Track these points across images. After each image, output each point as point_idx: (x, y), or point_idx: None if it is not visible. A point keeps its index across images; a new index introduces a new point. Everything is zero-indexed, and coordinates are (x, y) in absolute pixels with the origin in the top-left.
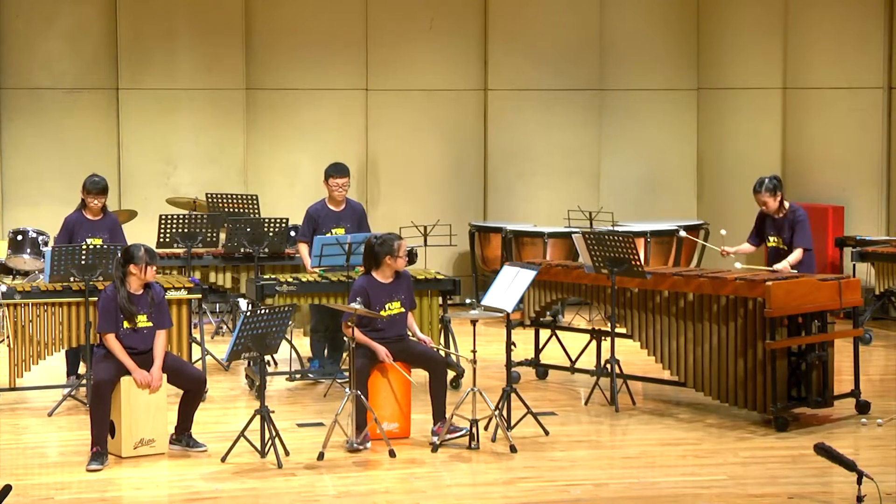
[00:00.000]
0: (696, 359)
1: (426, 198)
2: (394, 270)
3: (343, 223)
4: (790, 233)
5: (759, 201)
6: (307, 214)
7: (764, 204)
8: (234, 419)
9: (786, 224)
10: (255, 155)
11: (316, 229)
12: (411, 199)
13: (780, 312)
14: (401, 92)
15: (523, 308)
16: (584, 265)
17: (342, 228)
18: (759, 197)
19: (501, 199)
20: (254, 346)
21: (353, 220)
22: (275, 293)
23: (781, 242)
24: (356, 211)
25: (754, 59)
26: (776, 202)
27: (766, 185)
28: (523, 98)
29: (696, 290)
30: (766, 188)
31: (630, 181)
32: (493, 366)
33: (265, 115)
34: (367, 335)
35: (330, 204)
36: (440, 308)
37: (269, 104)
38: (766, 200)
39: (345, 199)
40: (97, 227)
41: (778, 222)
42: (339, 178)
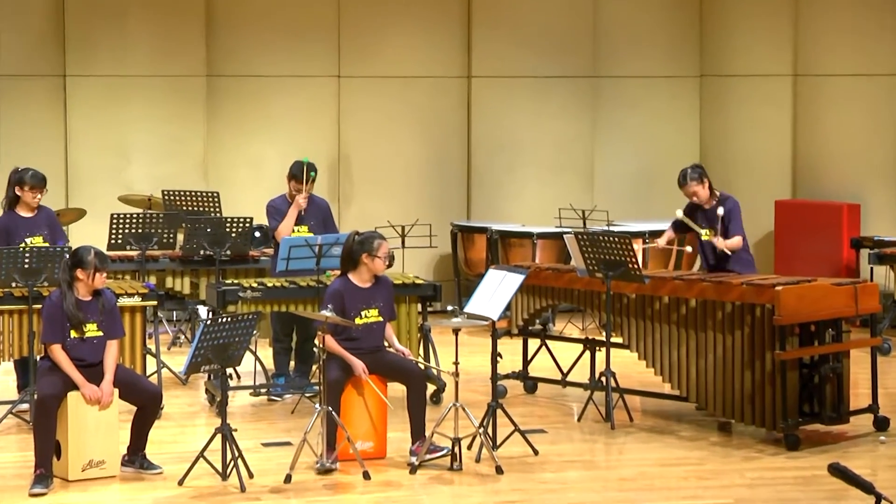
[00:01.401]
0: (698, 371)
1: (404, 195)
2: (372, 274)
3: (306, 221)
4: (723, 223)
5: (689, 193)
6: (273, 208)
7: (694, 194)
8: (193, 438)
9: (716, 214)
10: (217, 148)
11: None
12: (387, 196)
13: (790, 320)
14: (376, 79)
15: (510, 316)
16: (577, 269)
17: (306, 227)
18: (687, 189)
19: (486, 197)
20: (214, 357)
21: (317, 219)
22: (238, 300)
23: (715, 234)
24: (321, 208)
25: (762, 44)
26: (706, 190)
27: (690, 174)
28: (510, 86)
29: (699, 296)
30: (691, 178)
31: (626, 177)
32: (478, 379)
33: (228, 104)
34: (341, 345)
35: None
36: (419, 316)
37: (233, 92)
38: (696, 190)
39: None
40: (34, 224)
41: (709, 213)
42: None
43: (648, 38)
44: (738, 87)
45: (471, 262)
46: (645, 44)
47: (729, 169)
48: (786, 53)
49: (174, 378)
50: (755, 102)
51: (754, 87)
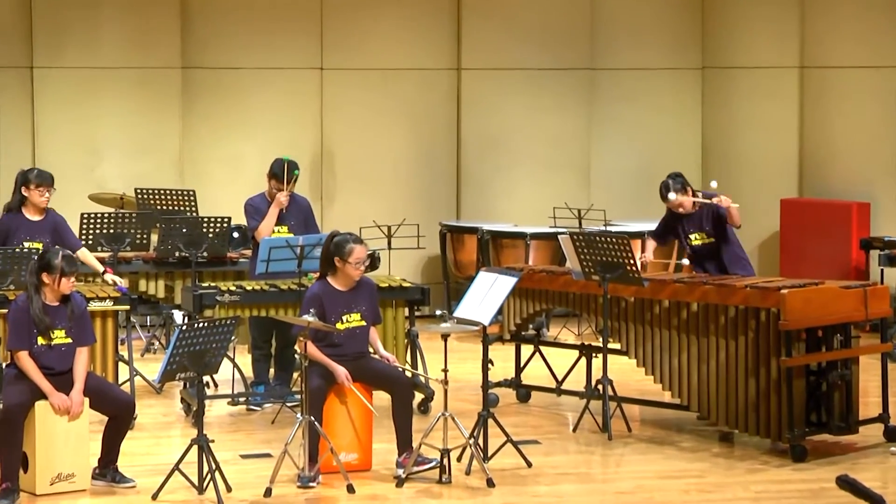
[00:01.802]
0: (700, 379)
1: (390, 193)
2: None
3: (286, 221)
4: (711, 222)
5: (674, 206)
6: (252, 207)
7: (679, 206)
8: (168, 450)
9: (703, 216)
10: (193, 144)
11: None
12: (373, 194)
13: (796, 325)
14: (361, 72)
15: (502, 321)
16: (572, 271)
17: (285, 227)
18: (671, 202)
19: (477, 195)
20: (190, 365)
21: (297, 218)
22: (215, 304)
23: (706, 237)
24: (302, 207)
25: (767, 34)
26: (690, 199)
27: (672, 186)
28: (502, 79)
29: (701, 300)
30: (674, 189)
31: (625, 174)
32: (468, 387)
33: (204, 98)
34: (323, 351)
35: (271, 198)
36: (406, 321)
37: (209, 86)
38: (682, 202)
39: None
40: (37, 228)
41: (695, 218)
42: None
43: (648, 28)
44: (741, 79)
45: (460, 264)
46: (644, 34)
47: (732, 166)
48: (792, 44)
49: (148, 387)
50: (760, 96)
51: (759, 80)
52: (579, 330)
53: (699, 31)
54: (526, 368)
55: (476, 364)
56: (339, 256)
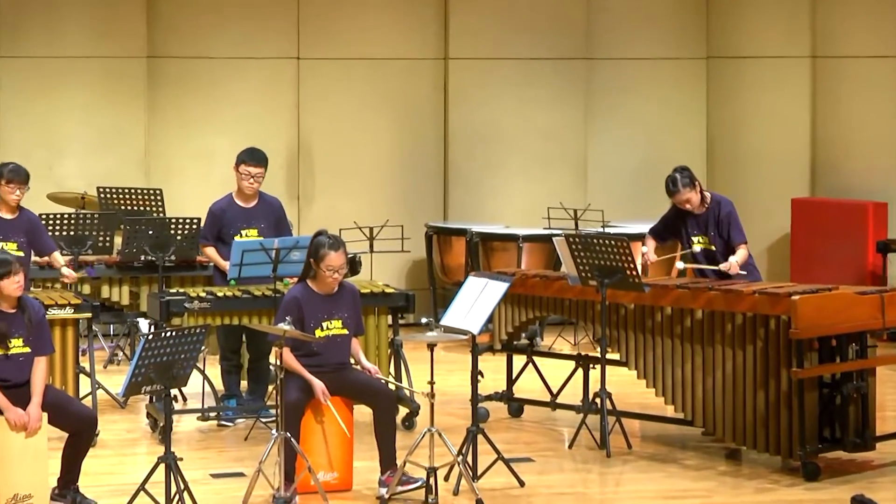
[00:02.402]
0: (705, 391)
1: (372, 192)
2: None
3: (256, 223)
4: (720, 229)
5: (681, 202)
6: (210, 213)
7: (687, 202)
8: (133, 468)
9: (710, 220)
10: (159, 139)
11: (221, 231)
12: (353, 193)
13: (808, 333)
14: (340, 61)
15: (492, 329)
16: (568, 276)
17: (255, 230)
18: (678, 197)
19: (465, 194)
20: (157, 377)
21: (268, 220)
22: (184, 311)
23: (709, 242)
24: (272, 208)
25: (776, 21)
26: (699, 195)
27: (680, 181)
28: (492, 69)
29: (706, 307)
30: (682, 184)
31: (624, 171)
32: (456, 401)
33: (172, 89)
34: (301, 361)
35: (238, 199)
36: (389, 329)
37: (177, 76)
38: (689, 198)
39: (257, 193)
40: (9, 228)
41: (701, 220)
42: (254, 167)
43: (649, 14)
44: (749, 70)
45: (448, 268)
46: (645, 21)
47: (739, 162)
48: (803, 32)
49: (111, 401)
50: (769, 87)
51: (768, 71)
52: (575, 339)
53: (703, 18)
54: (518, 381)
55: (465, 376)
56: (314, 259)
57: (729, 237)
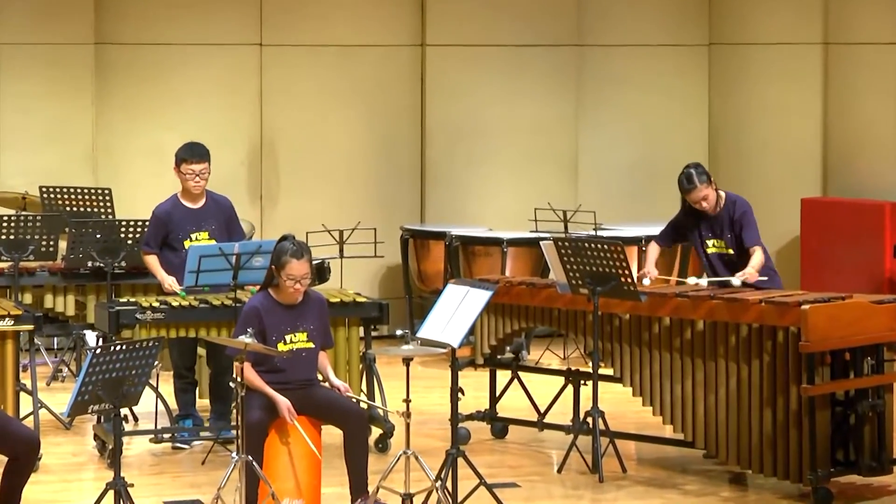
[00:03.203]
0: (707, 410)
1: (342, 192)
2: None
3: (206, 225)
4: (734, 231)
5: (696, 200)
6: (154, 218)
7: (703, 200)
8: (79, 495)
9: (725, 221)
10: (108, 134)
11: (168, 237)
12: (321, 193)
13: (820, 346)
14: (308, 48)
15: (474, 342)
16: (557, 283)
17: (205, 232)
18: (694, 195)
19: (444, 194)
20: (106, 395)
21: (218, 221)
22: (135, 323)
23: (725, 246)
24: (222, 208)
25: (785, 5)
26: (715, 193)
27: (696, 177)
28: (474, 57)
29: (708, 317)
30: (699, 181)
31: (618, 169)
32: (434, 420)
33: (122, 79)
34: (263, 378)
35: (185, 200)
36: (361, 342)
37: (128, 64)
38: (706, 195)
39: (204, 192)
40: None
41: (715, 221)
42: (196, 164)
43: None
44: (755, 58)
45: (425, 275)
46: (641, 4)
47: (744, 159)
48: (814, 16)
49: (55, 421)
50: (777, 77)
51: (776, 58)
52: (565, 353)
53: (706, 1)
54: (502, 398)
55: (444, 393)
56: (276, 266)
57: (743, 238)
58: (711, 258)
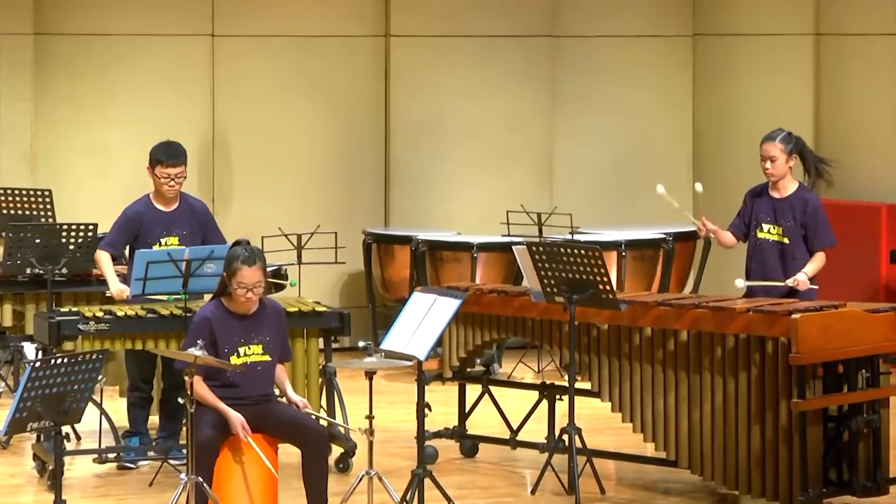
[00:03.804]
0: (691, 426)
1: (300, 193)
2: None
3: (177, 230)
4: (797, 220)
5: (766, 154)
6: (124, 216)
7: (772, 160)
8: None
9: (789, 208)
10: (48, 131)
11: (137, 239)
12: (278, 194)
13: (811, 358)
14: (263, 39)
15: (442, 354)
16: (531, 291)
17: (175, 237)
18: (768, 147)
19: (410, 196)
20: (45, 412)
21: (192, 227)
22: (77, 334)
23: (781, 233)
24: (197, 213)
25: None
26: (786, 166)
27: (781, 135)
28: (442, 48)
29: (692, 327)
30: (781, 139)
31: (596, 168)
32: (399, 438)
33: (64, 72)
34: (215, 392)
35: (157, 202)
36: (321, 355)
37: (69, 56)
38: (776, 156)
39: (178, 195)
40: None
41: (778, 205)
42: (172, 167)
43: None
44: (742, 49)
45: (390, 282)
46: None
47: (730, 157)
48: (805, 5)
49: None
50: (765, 70)
51: (764, 50)
52: (539, 366)
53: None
54: (472, 414)
55: (409, 409)
56: (227, 272)
57: (815, 236)
58: (762, 245)
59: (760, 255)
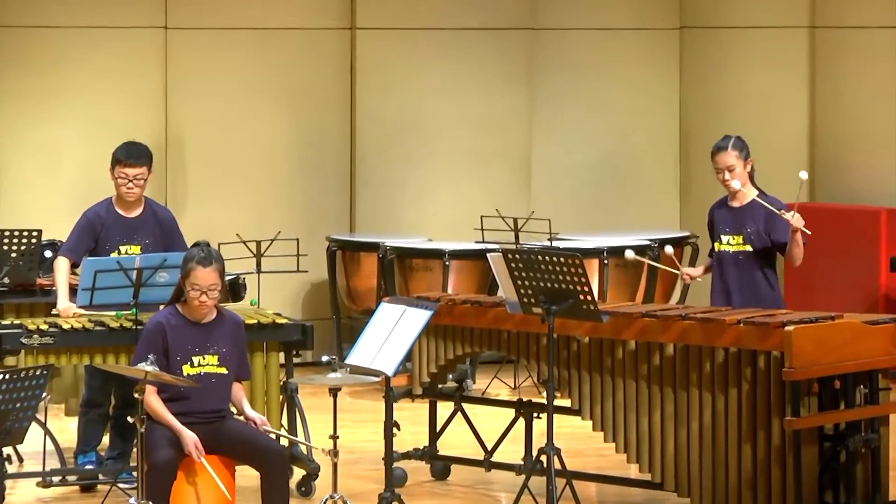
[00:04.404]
0: (678, 446)
1: (260, 197)
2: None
3: (139, 238)
4: (764, 228)
5: (721, 165)
6: (84, 219)
7: (728, 170)
8: None
9: (750, 216)
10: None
11: (97, 246)
12: (235, 198)
13: (806, 373)
14: (221, 32)
15: (411, 370)
16: (506, 301)
17: (137, 246)
18: (722, 156)
19: (378, 200)
20: None
21: (155, 235)
22: (20, 348)
23: (742, 241)
24: (162, 221)
25: None
26: (745, 173)
27: (733, 141)
28: (412, 41)
29: (679, 340)
30: (733, 145)
31: (577, 169)
32: (365, 460)
33: (6, 67)
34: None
35: (119, 206)
36: (281, 370)
37: (13, 51)
38: (733, 165)
39: (142, 200)
40: None
41: (739, 213)
42: (130, 168)
43: None
44: (733, 43)
45: (355, 292)
46: None
47: None
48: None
49: None
50: (757, 65)
51: (755, 44)
52: (516, 381)
53: None
54: (444, 434)
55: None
56: (182, 275)
57: (773, 240)
58: (721, 257)
59: (719, 268)
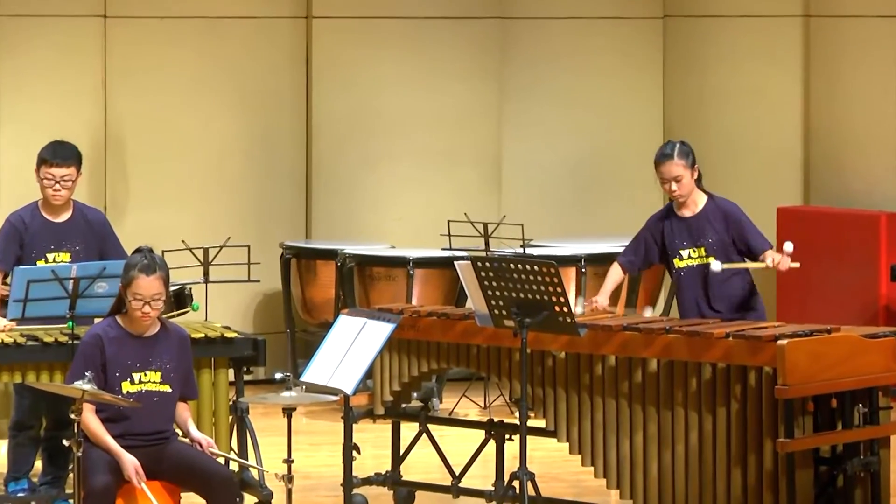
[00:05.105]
0: (661, 470)
1: (207, 200)
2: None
3: (68, 244)
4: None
5: (668, 176)
6: (7, 224)
7: (676, 180)
8: None
9: (708, 225)
10: None
11: (21, 255)
12: (181, 201)
13: (801, 391)
14: (164, 21)
15: (373, 388)
16: (476, 313)
17: (66, 253)
18: (668, 167)
19: (336, 203)
20: None
21: (87, 241)
22: None
23: (705, 253)
24: (93, 225)
25: None
26: (692, 181)
27: (679, 148)
28: (371, 31)
29: (663, 355)
30: (679, 153)
31: (551, 170)
32: (322, 486)
33: None
34: (108, 430)
35: (45, 210)
36: (231, 388)
37: None
38: (681, 175)
39: (71, 203)
40: None
41: (693, 224)
42: (57, 168)
43: None
44: (720, 33)
45: (312, 304)
46: None
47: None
48: None
49: None
50: (746, 57)
51: (745, 34)
52: (486, 401)
53: None
54: (408, 457)
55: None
56: (122, 282)
57: (750, 246)
58: (685, 274)
59: (684, 287)
